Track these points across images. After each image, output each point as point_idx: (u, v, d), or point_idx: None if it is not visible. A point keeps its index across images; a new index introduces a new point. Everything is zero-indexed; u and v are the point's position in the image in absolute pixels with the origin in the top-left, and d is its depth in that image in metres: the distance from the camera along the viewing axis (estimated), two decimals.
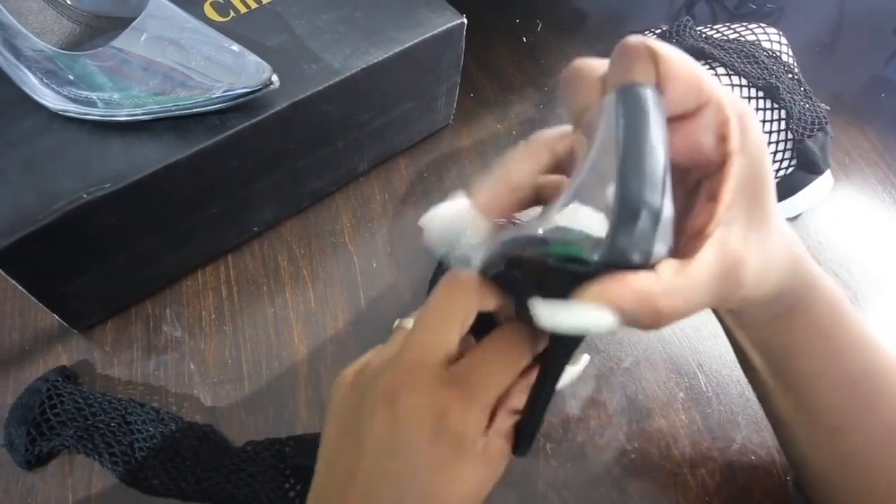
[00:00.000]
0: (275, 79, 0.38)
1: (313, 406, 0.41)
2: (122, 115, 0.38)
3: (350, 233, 0.49)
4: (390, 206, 0.51)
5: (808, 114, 0.50)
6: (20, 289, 0.37)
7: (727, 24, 0.55)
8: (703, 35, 0.53)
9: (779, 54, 0.52)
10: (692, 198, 0.23)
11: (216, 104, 0.38)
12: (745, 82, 0.49)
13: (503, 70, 0.61)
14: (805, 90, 0.51)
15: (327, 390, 0.42)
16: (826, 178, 0.53)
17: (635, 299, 0.19)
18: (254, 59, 0.39)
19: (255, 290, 0.46)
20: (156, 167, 0.37)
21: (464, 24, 0.47)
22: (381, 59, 0.44)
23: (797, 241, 0.27)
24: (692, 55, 0.22)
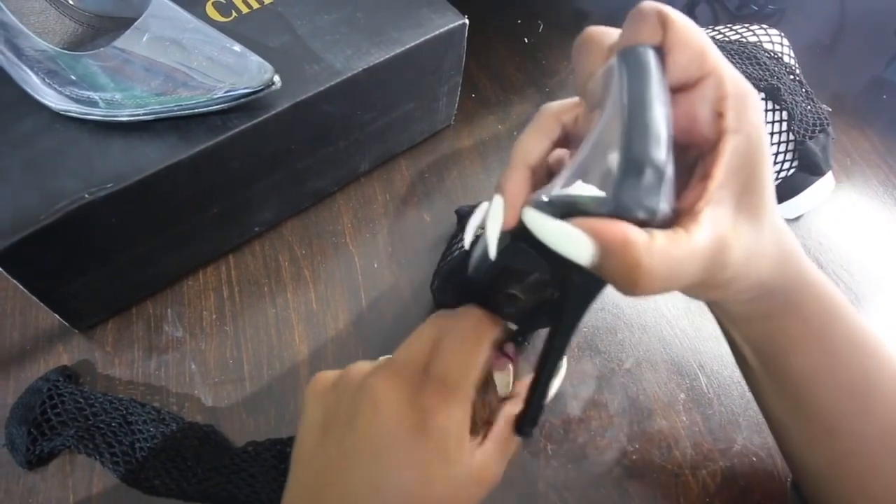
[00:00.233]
0: (276, 79, 0.39)
1: None
2: (124, 115, 0.38)
3: (351, 233, 0.49)
4: (391, 206, 0.51)
5: (809, 115, 0.50)
6: (21, 288, 0.37)
7: (729, 25, 0.55)
8: None
9: (780, 56, 0.52)
10: (690, 177, 0.23)
11: (218, 104, 0.38)
12: None
13: (504, 70, 0.61)
14: (806, 91, 0.51)
15: None
16: (827, 179, 0.53)
17: (619, 241, 0.19)
18: (256, 59, 0.39)
19: (256, 291, 0.46)
20: (157, 167, 0.37)
21: (465, 24, 0.47)
22: (382, 59, 0.44)
23: (791, 237, 0.27)
24: None
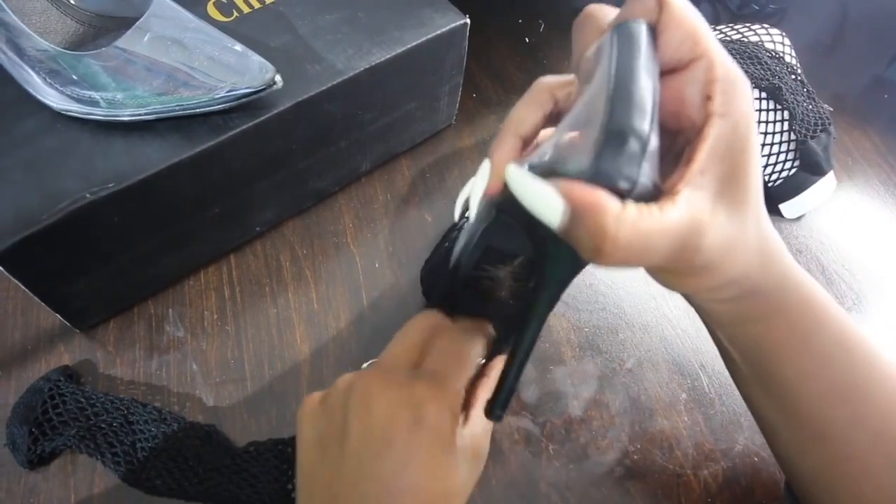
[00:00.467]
0: (278, 79, 0.38)
1: None
2: (126, 114, 0.38)
3: (352, 233, 0.49)
4: (392, 206, 0.51)
5: (811, 115, 0.50)
6: (22, 288, 0.37)
7: (730, 24, 0.55)
8: None
9: (782, 55, 0.52)
10: (679, 163, 0.22)
11: (219, 104, 0.38)
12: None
13: (505, 70, 0.61)
14: (808, 91, 0.51)
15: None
16: (829, 178, 0.53)
17: (589, 204, 0.19)
18: (257, 59, 0.39)
19: (257, 291, 0.46)
20: (159, 167, 0.37)
21: (466, 24, 0.47)
22: (383, 59, 0.44)
23: (777, 239, 0.26)
24: None
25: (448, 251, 0.29)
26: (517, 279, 0.28)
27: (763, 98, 0.49)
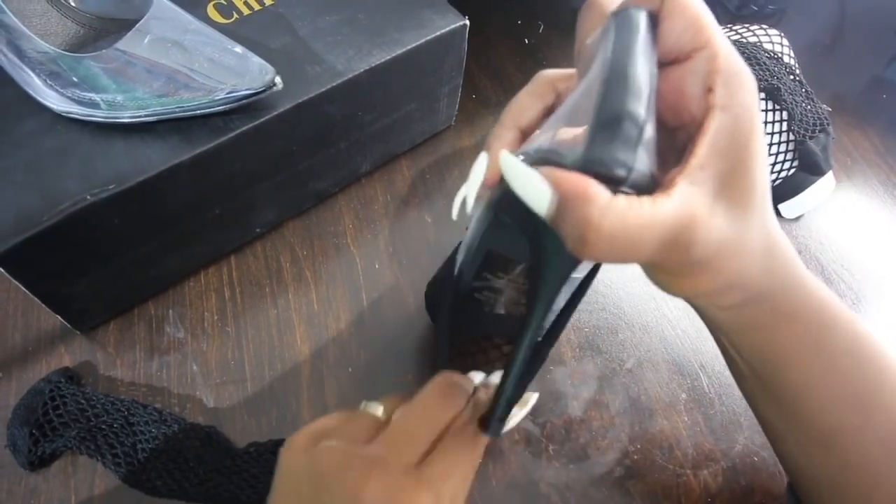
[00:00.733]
0: (278, 80, 0.39)
1: (316, 407, 0.41)
2: (126, 116, 0.38)
3: (352, 234, 0.50)
4: (392, 207, 0.51)
5: (809, 115, 0.50)
6: (23, 290, 0.37)
7: (729, 25, 0.55)
8: None
9: (780, 56, 0.52)
10: (680, 160, 0.22)
11: (219, 106, 0.38)
12: None
13: (505, 71, 0.61)
14: (807, 91, 0.51)
15: (330, 391, 0.42)
16: (828, 179, 0.53)
17: (576, 192, 0.18)
18: (257, 60, 0.39)
19: (257, 292, 0.46)
20: (159, 169, 0.37)
21: (466, 25, 0.47)
22: (383, 60, 0.44)
23: (785, 244, 0.25)
24: None
25: (452, 265, 0.29)
26: (518, 289, 0.28)
27: (762, 98, 0.49)
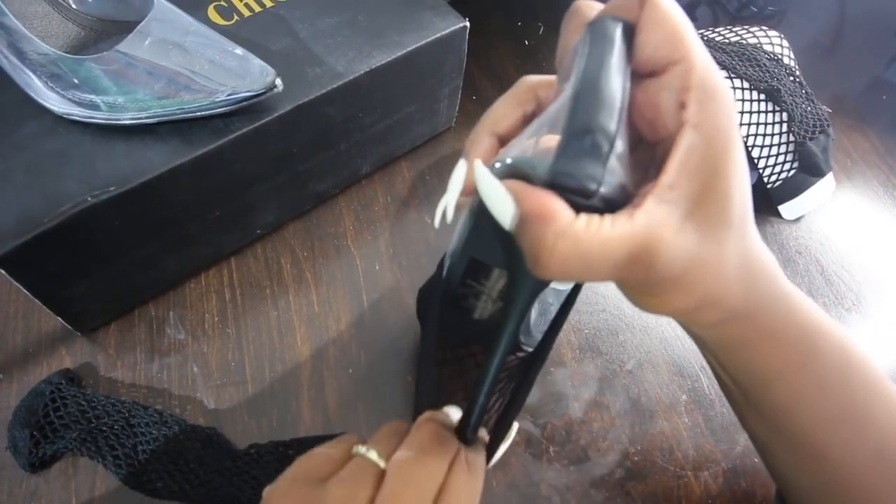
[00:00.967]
0: (278, 82, 0.39)
1: (316, 408, 0.41)
2: (126, 118, 0.38)
3: (352, 235, 0.50)
4: (392, 208, 0.51)
5: (809, 116, 0.50)
6: (24, 291, 0.37)
7: (729, 27, 0.55)
8: (705, 38, 0.53)
9: (780, 57, 0.52)
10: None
11: (220, 108, 0.38)
12: (746, 85, 0.49)
13: (505, 73, 0.61)
14: (807, 93, 0.51)
15: (331, 392, 0.42)
16: (828, 180, 0.53)
17: (534, 210, 0.18)
18: (257, 62, 0.39)
19: (258, 293, 0.46)
20: (160, 170, 0.37)
21: (466, 27, 0.47)
22: (384, 62, 0.44)
23: (767, 262, 0.24)
24: None
25: (441, 271, 0.29)
26: (500, 297, 0.27)
27: (762, 100, 0.49)
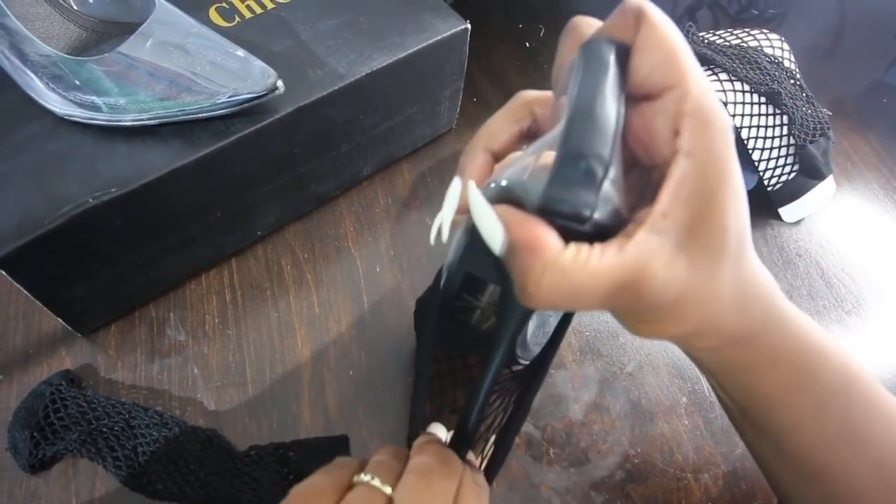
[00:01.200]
0: (280, 84, 0.39)
1: (317, 410, 0.41)
2: (128, 119, 0.38)
3: (353, 237, 0.50)
4: (393, 210, 0.51)
5: (810, 119, 0.50)
6: (24, 293, 0.37)
7: (729, 29, 0.55)
8: (706, 41, 0.53)
9: (781, 60, 0.52)
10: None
11: (221, 109, 0.38)
12: (747, 88, 0.49)
13: (506, 75, 0.62)
14: (807, 96, 0.51)
15: (331, 394, 0.42)
16: (828, 183, 0.53)
17: (522, 241, 0.18)
18: (259, 64, 0.39)
19: (258, 294, 0.46)
20: (161, 172, 0.37)
21: (467, 29, 0.47)
22: (385, 64, 0.44)
23: (766, 286, 0.24)
24: None
25: (438, 282, 0.28)
26: (496, 312, 0.27)
27: (762, 102, 0.50)
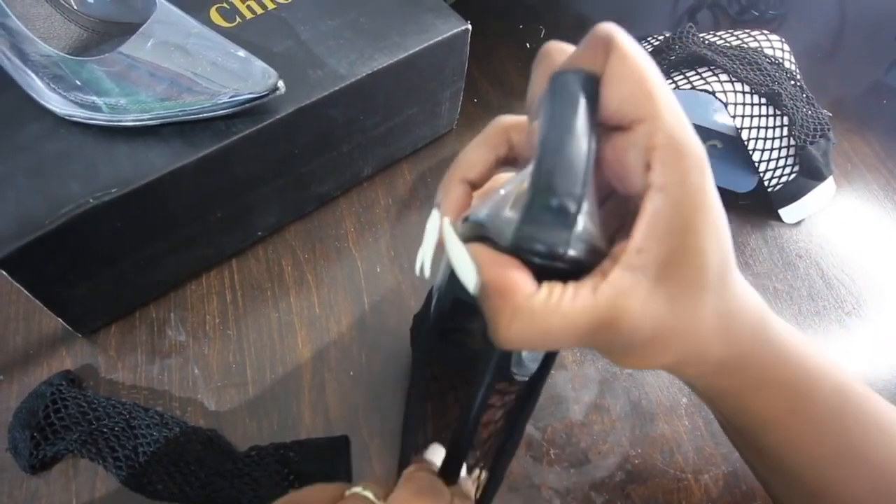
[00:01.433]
0: (280, 84, 0.39)
1: (317, 410, 0.41)
2: (129, 120, 0.38)
3: (354, 237, 0.50)
4: (394, 210, 0.51)
5: (810, 120, 0.51)
6: (25, 293, 0.37)
7: (730, 30, 0.55)
8: (706, 42, 0.53)
9: (781, 61, 0.52)
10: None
11: (222, 109, 0.38)
12: (747, 89, 0.49)
13: (506, 75, 0.62)
14: (807, 97, 0.52)
15: (331, 394, 0.42)
16: (828, 184, 0.53)
17: (494, 285, 0.18)
18: (260, 64, 0.39)
19: (259, 295, 0.46)
20: (161, 172, 0.37)
21: (468, 30, 0.47)
22: (386, 64, 0.44)
23: (753, 315, 0.23)
24: (695, 62, 0.21)
25: (430, 301, 0.28)
26: (485, 337, 0.27)
27: (763, 103, 0.50)
